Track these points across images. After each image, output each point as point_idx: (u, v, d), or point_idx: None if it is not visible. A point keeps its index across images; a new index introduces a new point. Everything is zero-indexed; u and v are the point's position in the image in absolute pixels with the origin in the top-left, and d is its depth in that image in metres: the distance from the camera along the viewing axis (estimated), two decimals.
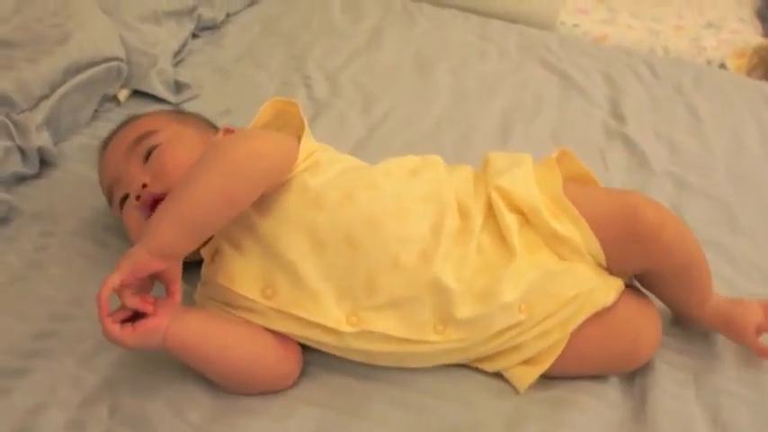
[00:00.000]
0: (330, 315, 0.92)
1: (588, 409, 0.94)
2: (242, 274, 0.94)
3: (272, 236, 0.94)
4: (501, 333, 0.94)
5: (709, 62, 2.11)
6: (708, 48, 2.16)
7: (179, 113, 1.16)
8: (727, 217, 1.34)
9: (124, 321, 0.85)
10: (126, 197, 1.03)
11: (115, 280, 0.83)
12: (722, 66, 2.11)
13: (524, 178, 1.02)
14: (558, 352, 0.95)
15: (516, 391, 0.97)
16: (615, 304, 0.98)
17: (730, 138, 1.60)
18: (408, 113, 1.56)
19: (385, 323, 0.92)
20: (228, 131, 1.09)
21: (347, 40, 1.88)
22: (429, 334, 0.93)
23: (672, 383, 0.99)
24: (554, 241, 0.98)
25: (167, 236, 0.86)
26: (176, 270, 0.88)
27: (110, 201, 1.08)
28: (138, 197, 1.00)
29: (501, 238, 0.97)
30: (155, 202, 0.99)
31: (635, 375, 1.00)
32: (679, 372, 1.01)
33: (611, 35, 2.19)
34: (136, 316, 0.86)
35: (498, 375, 0.98)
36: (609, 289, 0.97)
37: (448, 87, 1.69)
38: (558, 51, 1.92)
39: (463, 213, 0.99)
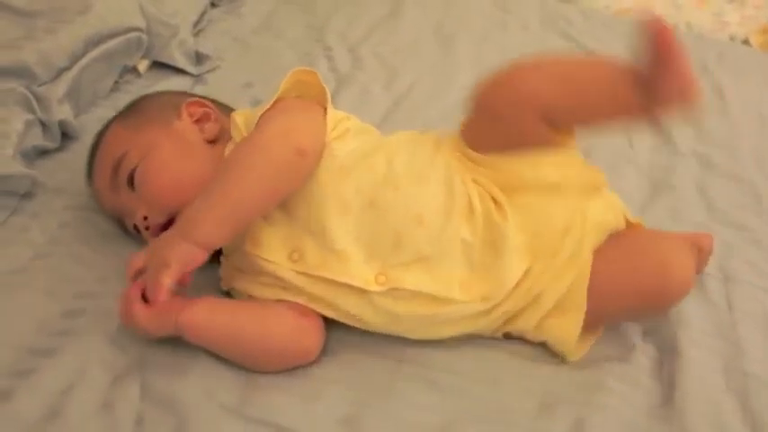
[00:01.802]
0: (358, 274, 0.92)
1: (618, 393, 0.94)
2: (269, 241, 0.95)
3: (299, 202, 0.94)
4: (518, 286, 0.94)
5: (732, 38, 2.08)
6: (731, 23, 2.13)
7: (136, 115, 1.08)
8: (753, 199, 1.33)
9: None
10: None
11: (169, 281, 0.86)
12: (746, 42, 2.08)
13: None
14: (584, 292, 0.94)
15: (562, 362, 0.97)
16: (631, 232, 1.00)
17: (756, 117, 1.59)
18: (432, 87, 1.55)
19: (413, 278, 0.93)
20: (192, 105, 1.09)
21: (367, 10, 1.85)
22: (455, 290, 0.93)
23: (701, 368, 0.98)
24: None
25: (215, 233, 0.89)
26: None
27: (122, 227, 1.07)
28: (146, 228, 1.01)
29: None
30: (164, 228, 0.99)
31: (663, 359, 1.00)
32: (708, 356, 1.00)
33: (634, 8, 2.15)
34: None
35: (528, 356, 0.98)
36: (606, 208, 0.99)
37: (470, 60, 1.67)
38: (579, 24, 1.90)
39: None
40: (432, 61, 1.65)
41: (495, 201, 0.96)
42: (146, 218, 1.01)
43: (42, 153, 1.23)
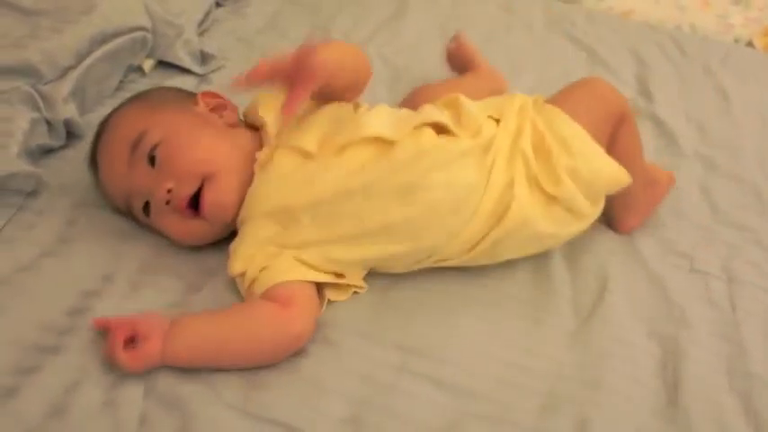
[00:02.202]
0: (383, 130, 1.01)
1: (621, 393, 0.95)
2: (306, 132, 1.03)
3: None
4: (499, 129, 1.06)
5: (736, 40, 2.08)
6: (735, 25, 2.13)
7: (150, 100, 1.11)
8: (756, 200, 1.34)
9: None
10: (147, 204, 1.04)
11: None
12: (749, 44, 2.08)
13: None
14: (559, 116, 1.07)
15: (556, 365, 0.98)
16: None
17: (759, 119, 1.59)
18: None
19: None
20: (207, 95, 1.13)
21: (371, 11, 1.86)
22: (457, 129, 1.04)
23: (704, 368, 0.99)
24: None
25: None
26: None
27: (129, 212, 1.08)
28: (167, 202, 1.01)
29: None
30: (191, 201, 1.02)
31: (667, 360, 1.00)
32: (711, 357, 1.01)
33: (638, 10, 2.15)
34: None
35: (532, 355, 0.98)
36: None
37: None
38: (584, 26, 1.91)
39: None
40: (435, 62, 1.65)
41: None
42: (170, 191, 1.01)
43: (47, 152, 1.23)
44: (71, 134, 1.26)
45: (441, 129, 1.04)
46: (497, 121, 1.08)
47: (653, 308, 1.08)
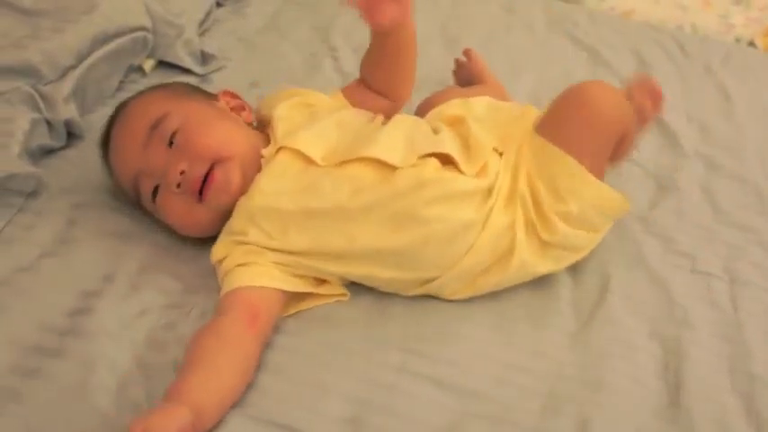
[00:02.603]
0: (389, 154, 1.01)
1: (623, 393, 0.94)
2: (314, 139, 1.04)
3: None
4: (503, 167, 1.04)
5: (737, 40, 2.08)
6: (737, 25, 2.13)
7: (175, 89, 1.14)
8: (758, 200, 1.33)
9: None
10: (156, 188, 1.04)
11: None
12: (751, 44, 2.07)
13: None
14: (555, 151, 1.02)
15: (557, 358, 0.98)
16: None
17: (760, 119, 1.59)
18: (437, 88, 1.54)
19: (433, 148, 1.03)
20: (228, 95, 1.16)
21: None
22: (459, 157, 1.02)
23: (706, 369, 0.98)
24: None
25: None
26: None
27: (135, 195, 1.08)
28: (178, 185, 1.01)
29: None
30: (202, 184, 1.02)
31: (668, 360, 0.99)
32: (713, 357, 1.01)
33: (639, 10, 2.15)
34: None
35: (533, 355, 0.98)
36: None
37: None
38: (585, 26, 1.90)
39: None
40: (436, 63, 1.65)
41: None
42: (183, 172, 1.01)
43: (48, 152, 1.23)
44: (71, 134, 1.27)
45: (447, 158, 1.03)
46: (501, 154, 1.06)
47: (654, 308, 1.08)
